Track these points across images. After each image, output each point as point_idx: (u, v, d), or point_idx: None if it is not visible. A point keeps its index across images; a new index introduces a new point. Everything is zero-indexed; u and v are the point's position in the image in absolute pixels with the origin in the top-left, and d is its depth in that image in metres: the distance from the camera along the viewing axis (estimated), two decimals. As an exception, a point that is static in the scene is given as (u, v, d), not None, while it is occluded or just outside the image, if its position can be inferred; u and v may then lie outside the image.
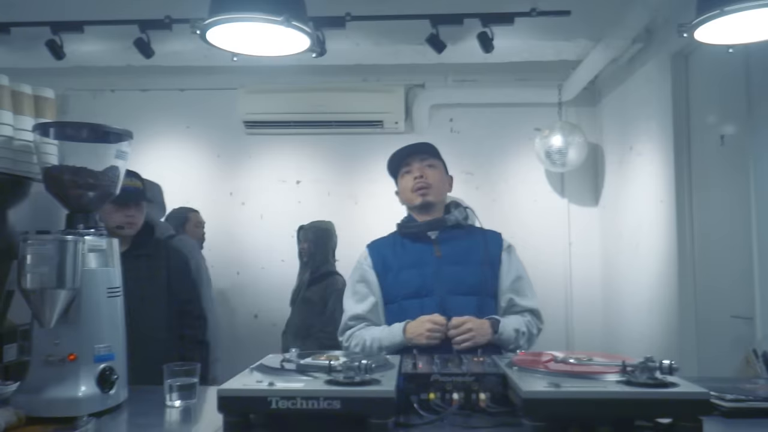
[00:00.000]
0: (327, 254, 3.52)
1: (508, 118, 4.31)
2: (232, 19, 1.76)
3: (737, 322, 2.52)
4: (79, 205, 1.62)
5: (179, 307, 2.60)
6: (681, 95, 3.04)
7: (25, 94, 2.13)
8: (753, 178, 2.47)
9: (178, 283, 2.62)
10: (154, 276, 2.55)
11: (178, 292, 2.61)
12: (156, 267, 2.56)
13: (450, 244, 2.07)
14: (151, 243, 2.64)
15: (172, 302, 2.57)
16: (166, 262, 2.61)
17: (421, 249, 2.06)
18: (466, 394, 1.41)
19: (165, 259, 2.62)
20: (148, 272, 2.52)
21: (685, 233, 2.97)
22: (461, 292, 2.01)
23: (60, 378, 1.47)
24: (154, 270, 2.55)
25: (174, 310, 2.58)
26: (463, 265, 2.04)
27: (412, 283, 2.02)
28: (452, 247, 2.06)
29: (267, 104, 4.24)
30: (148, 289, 2.49)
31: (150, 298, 2.49)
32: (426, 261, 2.04)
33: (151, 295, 2.50)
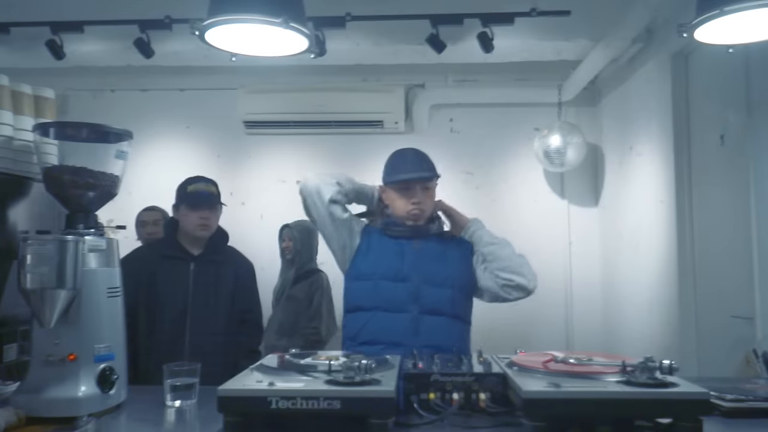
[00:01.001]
0: (312, 252, 3.56)
1: (508, 118, 4.31)
2: (231, 20, 1.76)
3: (737, 322, 2.52)
4: (79, 205, 1.62)
5: (240, 315, 2.66)
6: (681, 95, 3.04)
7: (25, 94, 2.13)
8: (753, 178, 2.47)
9: (243, 291, 2.71)
10: (222, 281, 2.64)
11: (242, 300, 2.68)
12: (225, 273, 2.64)
13: (428, 242, 2.18)
14: (224, 249, 2.70)
15: (235, 309, 2.63)
16: (235, 270, 2.67)
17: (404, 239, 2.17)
18: (466, 394, 1.41)
19: (235, 266, 2.69)
20: (216, 278, 2.62)
21: (685, 233, 2.97)
22: (436, 283, 2.09)
23: (60, 378, 1.47)
24: (223, 276, 2.64)
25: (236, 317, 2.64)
26: (439, 261, 2.14)
27: (392, 266, 2.11)
28: (430, 245, 2.17)
29: (267, 104, 4.24)
30: (213, 294, 2.58)
31: (215, 303, 2.59)
32: (406, 251, 2.14)
33: (216, 300, 2.59)
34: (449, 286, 2.10)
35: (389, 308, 2.06)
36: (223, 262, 2.68)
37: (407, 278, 2.09)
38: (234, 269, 2.71)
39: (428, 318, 2.05)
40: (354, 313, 2.13)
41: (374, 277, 2.10)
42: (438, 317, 2.06)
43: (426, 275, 2.09)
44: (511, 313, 3.80)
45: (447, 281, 2.10)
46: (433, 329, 2.02)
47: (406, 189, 2.14)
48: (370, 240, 2.17)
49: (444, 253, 2.16)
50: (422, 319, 2.04)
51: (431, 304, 2.06)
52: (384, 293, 2.07)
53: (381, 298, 2.07)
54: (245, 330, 2.69)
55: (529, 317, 4.06)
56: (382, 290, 2.08)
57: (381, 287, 2.08)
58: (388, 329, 2.01)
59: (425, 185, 2.16)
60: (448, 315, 2.09)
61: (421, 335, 1.99)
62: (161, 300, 2.55)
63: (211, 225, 2.64)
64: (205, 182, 2.69)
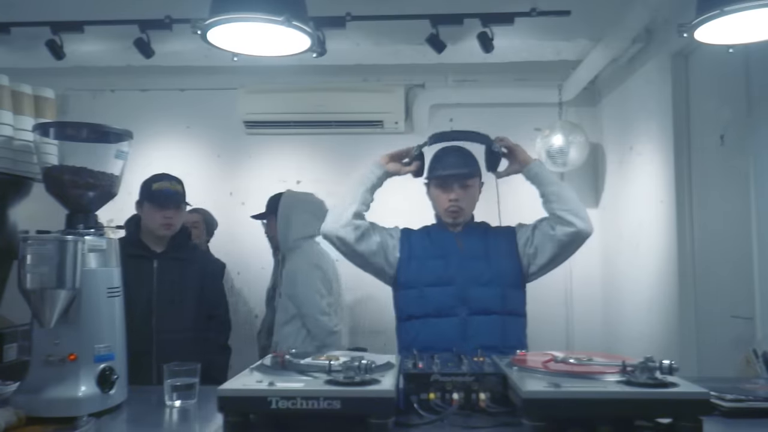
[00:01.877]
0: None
1: (508, 118, 4.29)
2: (233, 19, 1.75)
3: (737, 322, 2.51)
4: (79, 205, 1.62)
5: (207, 312, 2.66)
6: (681, 95, 3.03)
7: (25, 94, 2.14)
8: (753, 178, 2.47)
9: (210, 288, 2.70)
10: (187, 279, 2.62)
11: (209, 297, 2.68)
12: (189, 271, 2.63)
13: (471, 239, 2.17)
14: (188, 247, 2.69)
15: (202, 306, 2.63)
16: (201, 267, 2.67)
17: (445, 242, 2.16)
18: (466, 394, 1.41)
19: (200, 264, 2.69)
20: (180, 275, 2.60)
21: (685, 233, 2.97)
22: (482, 282, 2.08)
23: (60, 378, 1.47)
24: (187, 273, 2.63)
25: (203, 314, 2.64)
26: (484, 260, 2.13)
27: (436, 272, 2.10)
28: (473, 243, 2.16)
29: (267, 104, 4.24)
30: (178, 292, 2.56)
31: (180, 300, 2.57)
32: (449, 253, 2.13)
33: (181, 297, 2.58)
34: (497, 284, 2.09)
35: (438, 314, 2.05)
36: (187, 259, 2.67)
37: (453, 281, 2.08)
38: (199, 267, 2.70)
39: (478, 318, 2.04)
40: (407, 322, 2.12)
41: (420, 285, 2.10)
42: (488, 316, 2.05)
43: (471, 276, 2.08)
44: (511, 313, 3.81)
45: (494, 279, 2.09)
46: (484, 330, 2.00)
47: (445, 185, 2.15)
48: (411, 246, 2.16)
49: (487, 250, 2.15)
50: (472, 320, 2.04)
51: (480, 304, 2.05)
52: (431, 299, 2.07)
53: (429, 305, 2.06)
54: (213, 326, 2.69)
55: (530, 317, 4.05)
56: (429, 297, 2.07)
57: (427, 294, 2.08)
58: (439, 335, 2.00)
59: (464, 183, 2.16)
60: (498, 312, 2.08)
61: (470, 337, 1.97)
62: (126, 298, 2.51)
63: (174, 224, 2.62)
64: (170, 180, 2.66)
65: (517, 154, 2.21)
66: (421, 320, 2.08)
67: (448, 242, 2.16)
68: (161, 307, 2.54)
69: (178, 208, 2.64)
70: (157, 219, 2.58)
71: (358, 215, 2.12)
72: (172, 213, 2.60)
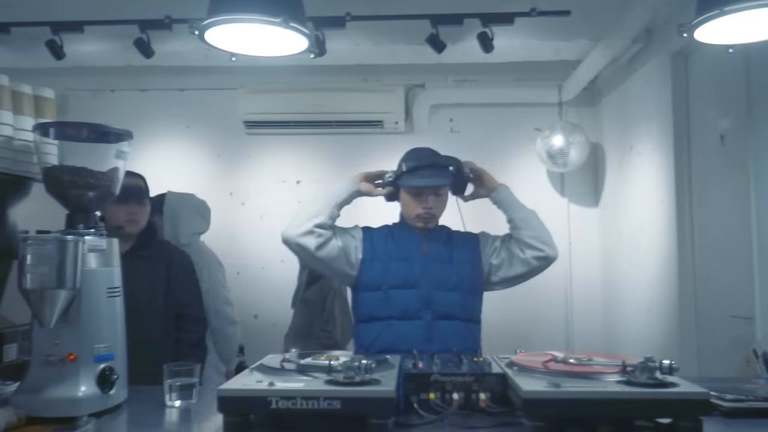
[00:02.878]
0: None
1: (508, 118, 4.30)
2: (230, 20, 1.76)
3: (737, 322, 2.51)
4: (79, 205, 1.62)
5: (177, 311, 2.60)
6: (681, 95, 3.03)
7: (25, 94, 2.14)
8: (753, 178, 2.47)
9: (178, 286, 2.62)
10: (154, 278, 2.55)
11: (178, 295, 2.61)
12: (156, 269, 2.57)
13: (436, 243, 2.18)
14: (153, 244, 2.65)
15: (170, 305, 2.57)
16: (167, 265, 2.61)
17: (411, 244, 2.17)
18: (466, 394, 1.41)
19: (167, 261, 2.62)
20: (148, 273, 2.53)
21: (685, 233, 2.97)
22: (446, 287, 2.10)
23: (60, 378, 1.47)
24: (155, 272, 2.56)
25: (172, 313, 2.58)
26: (448, 264, 2.14)
27: (400, 274, 2.10)
28: (438, 247, 2.17)
29: (267, 104, 4.23)
30: (146, 291, 2.49)
31: (147, 299, 2.49)
32: (414, 256, 2.14)
33: (148, 296, 2.50)
34: (460, 289, 2.10)
35: (403, 316, 2.06)
36: (153, 257, 2.59)
37: (418, 284, 2.09)
38: (166, 264, 2.62)
39: (441, 323, 2.05)
40: (368, 323, 2.12)
41: (384, 287, 2.10)
42: (451, 321, 2.06)
43: (436, 281, 2.09)
44: (511, 313, 3.81)
45: (458, 285, 2.10)
46: (447, 334, 2.02)
47: (419, 194, 2.15)
48: (374, 247, 2.16)
49: (451, 256, 2.16)
50: (436, 324, 2.05)
51: (444, 309, 2.06)
52: (395, 302, 2.07)
53: (394, 308, 2.07)
54: (183, 325, 2.63)
55: (529, 317, 4.06)
56: (393, 299, 2.07)
57: (392, 296, 2.08)
58: (403, 337, 2.00)
59: (438, 192, 2.17)
60: (461, 319, 2.09)
61: (434, 341, 1.98)
62: None
63: (139, 220, 2.56)
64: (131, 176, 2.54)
65: (484, 180, 2.24)
66: (385, 322, 2.07)
67: (413, 244, 2.16)
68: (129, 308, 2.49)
69: (141, 203, 2.57)
70: (121, 216, 2.49)
71: (321, 226, 2.11)
72: (136, 209, 2.54)
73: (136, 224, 2.54)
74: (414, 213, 2.17)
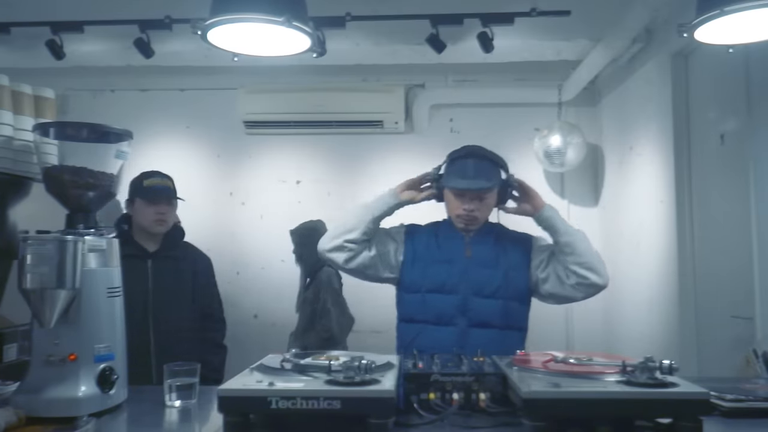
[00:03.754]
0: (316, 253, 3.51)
1: (508, 118, 4.30)
2: (233, 20, 1.75)
3: (737, 322, 2.51)
4: (79, 205, 1.62)
5: (202, 311, 2.65)
6: (681, 95, 3.03)
7: (25, 94, 2.14)
8: (753, 178, 2.47)
9: (203, 287, 2.68)
10: (182, 278, 2.61)
11: (203, 296, 2.66)
12: (183, 269, 2.62)
13: (481, 246, 2.09)
14: (181, 245, 2.68)
15: (196, 305, 2.62)
16: (193, 266, 2.66)
17: (453, 246, 2.09)
18: (466, 394, 1.41)
19: (192, 262, 2.67)
20: (175, 273, 2.59)
21: (685, 233, 2.97)
22: (485, 294, 2.02)
23: (60, 378, 1.47)
24: (182, 272, 2.62)
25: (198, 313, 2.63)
26: (491, 268, 2.06)
27: (439, 278, 2.04)
28: (483, 250, 2.09)
29: (267, 104, 4.23)
30: (174, 290, 2.56)
31: (175, 299, 2.56)
32: (456, 259, 2.07)
33: (176, 296, 2.56)
34: (500, 296, 2.03)
35: (437, 322, 2.02)
36: (181, 258, 2.65)
37: (455, 290, 2.03)
38: (192, 265, 2.68)
39: (476, 331, 1.99)
40: (408, 324, 2.09)
41: (422, 290, 2.05)
42: (487, 330, 2.00)
43: (475, 286, 2.03)
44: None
45: (498, 291, 2.03)
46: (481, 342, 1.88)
47: (461, 195, 2.06)
48: (416, 248, 2.11)
49: (497, 260, 2.07)
50: (470, 332, 1.99)
51: (480, 317, 2.00)
52: (431, 306, 2.03)
53: (429, 312, 2.03)
54: (208, 325, 2.68)
55: (530, 317, 4.06)
56: (429, 303, 2.03)
57: (428, 300, 2.04)
58: (437, 342, 1.94)
59: (480, 195, 2.06)
60: (498, 327, 2.02)
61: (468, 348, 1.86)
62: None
63: (167, 220, 2.61)
64: (161, 177, 2.64)
65: (530, 196, 2.10)
66: (421, 325, 2.04)
67: (456, 246, 2.09)
68: (158, 307, 2.53)
69: (170, 203, 2.62)
70: (149, 215, 2.55)
71: (353, 242, 2.07)
72: (164, 209, 2.58)
73: (164, 224, 2.59)
74: (455, 213, 2.08)
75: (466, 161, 2.07)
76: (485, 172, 2.06)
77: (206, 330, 2.65)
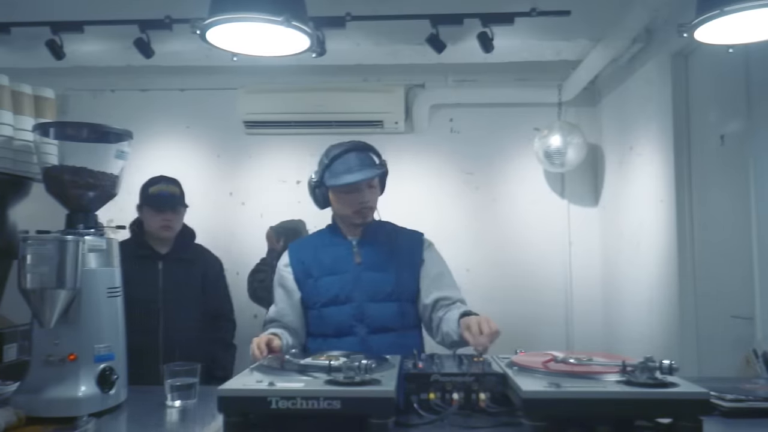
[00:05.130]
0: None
1: (508, 118, 4.30)
2: (233, 19, 1.75)
3: (737, 322, 2.51)
4: (79, 205, 1.62)
5: (213, 312, 2.68)
6: (681, 95, 3.03)
7: (25, 94, 2.14)
8: (753, 178, 2.47)
9: (213, 287, 2.72)
10: (193, 279, 2.67)
11: (214, 297, 2.70)
12: (194, 271, 2.67)
13: (370, 248, 2.06)
14: (192, 247, 2.71)
15: (207, 306, 2.65)
16: (204, 267, 2.70)
17: (341, 255, 2.05)
18: (466, 394, 1.41)
19: (203, 264, 2.71)
20: (185, 275, 2.63)
21: (685, 233, 2.97)
22: (380, 298, 1.99)
23: (60, 378, 1.47)
24: (193, 274, 2.67)
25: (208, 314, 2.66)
26: (383, 271, 2.03)
27: (331, 290, 2.00)
28: (372, 253, 2.05)
29: (267, 104, 4.23)
30: (183, 292, 2.60)
31: (185, 300, 2.60)
32: (345, 268, 2.03)
33: (186, 297, 2.60)
34: (395, 299, 2.00)
35: (338, 334, 1.98)
36: (191, 259, 2.71)
37: (350, 299, 1.98)
38: (202, 266, 2.74)
39: (376, 337, 1.95)
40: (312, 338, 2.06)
41: (317, 306, 2.02)
42: (387, 334, 1.96)
43: (369, 293, 1.99)
44: (511, 313, 3.81)
45: (392, 294, 1.99)
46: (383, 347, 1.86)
47: (353, 191, 2.02)
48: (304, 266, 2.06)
49: (387, 262, 2.04)
50: (370, 339, 1.95)
51: (378, 322, 1.96)
52: (329, 320, 1.99)
53: (328, 326, 1.99)
54: (219, 325, 2.72)
55: (529, 317, 4.06)
56: (326, 317, 2.00)
57: (324, 315, 2.00)
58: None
59: (370, 184, 2.05)
60: (397, 329, 2.00)
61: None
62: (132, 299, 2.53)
63: (173, 226, 2.67)
64: (166, 183, 2.69)
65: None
66: (321, 339, 2.01)
67: (343, 254, 2.05)
68: (167, 307, 2.57)
69: (176, 210, 2.67)
70: (156, 222, 2.62)
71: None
72: (170, 216, 2.64)
73: (170, 230, 2.67)
74: (350, 210, 2.04)
75: (347, 156, 2.03)
76: (367, 160, 2.04)
77: (216, 330, 2.68)
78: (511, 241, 4.24)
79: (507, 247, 4.21)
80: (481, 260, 4.17)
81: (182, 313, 2.58)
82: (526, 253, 4.22)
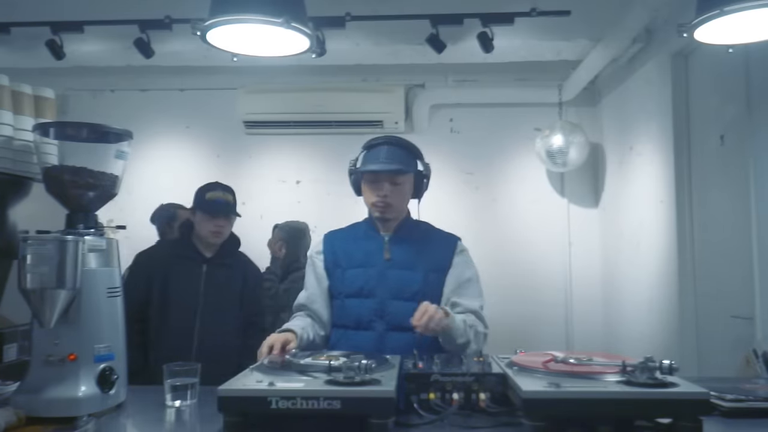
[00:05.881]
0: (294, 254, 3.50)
1: (508, 118, 4.31)
2: (233, 20, 1.76)
3: (737, 322, 2.52)
4: (79, 205, 1.62)
5: (247, 318, 2.71)
6: (681, 95, 3.04)
7: (25, 94, 2.14)
8: (753, 178, 2.47)
9: (250, 295, 2.77)
10: (232, 285, 2.71)
11: (249, 304, 2.73)
12: (235, 277, 2.72)
13: (401, 246, 2.06)
14: (236, 254, 2.75)
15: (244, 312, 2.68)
16: (244, 274, 2.73)
17: (372, 249, 2.06)
18: (466, 394, 1.41)
19: (244, 271, 2.74)
20: (226, 281, 2.69)
21: (685, 233, 2.97)
22: (403, 297, 1.98)
23: (60, 378, 1.47)
24: (234, 279, 2.73)
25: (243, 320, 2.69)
26: (410, 270, 2.02)
27: (356, 283, 2.02)
28: (402, 251, 2.05)
29: (267, 104, 4.24)
30: (223, 296, 2.64)
31: (224, 304, 2.68)
32: (373, 262, 2.04)
33: (225, 302, 2.67)
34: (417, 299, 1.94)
35: (356, 326, 1.99)
36: (233, 266, 2.76)
37: (372, 294, 1.99)
38: (243, 273, 2.79)
39: (394, 334, 1.95)
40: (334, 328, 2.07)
41: (341, 296, 2.04)
42: (405, 333, 1.91)
43: (393, 290, 1.99)
44: (511, 313, 3.81)
45: (417, 294, 1.97)
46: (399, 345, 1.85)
47: (375, 181, 2.04)
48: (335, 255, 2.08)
49: (417, 261, 2.03)
50: (388, 336, 1.95)
51: (397, 320, 1.95)
52: (350, 311, 2.00)
53: (348, 317, 2.01)
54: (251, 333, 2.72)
55: (529, 317, 4.06)
56: (348, 309, 2.01)
57: (347, 306, 2.01)
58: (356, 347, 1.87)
59: (393, 180, 2.04)
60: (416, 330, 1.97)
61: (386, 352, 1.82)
62: (173, 298, 2.63)
63: (224, 233, 2.73)
64: (222, 190, 2.77)
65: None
66: (342, 330, 2.03)
67: (374, 249, 2.05)
68: (206, 310, 2.61)
69: (228, 217, 2.74)
70: (208, 227, 2.67)
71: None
72: (222, 222, 2.70)
73: (220, 237, 2.72)
74: (370, 201, 2.06)
75: (380, 148, 2.06)
76: (398, 157, 2.04)
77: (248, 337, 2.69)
78: (511, 241, 4.24)
79: (507, 247, 4.21)
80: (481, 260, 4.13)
81: (219, 317, 2.63)
82: (526, 253, 4.22)
